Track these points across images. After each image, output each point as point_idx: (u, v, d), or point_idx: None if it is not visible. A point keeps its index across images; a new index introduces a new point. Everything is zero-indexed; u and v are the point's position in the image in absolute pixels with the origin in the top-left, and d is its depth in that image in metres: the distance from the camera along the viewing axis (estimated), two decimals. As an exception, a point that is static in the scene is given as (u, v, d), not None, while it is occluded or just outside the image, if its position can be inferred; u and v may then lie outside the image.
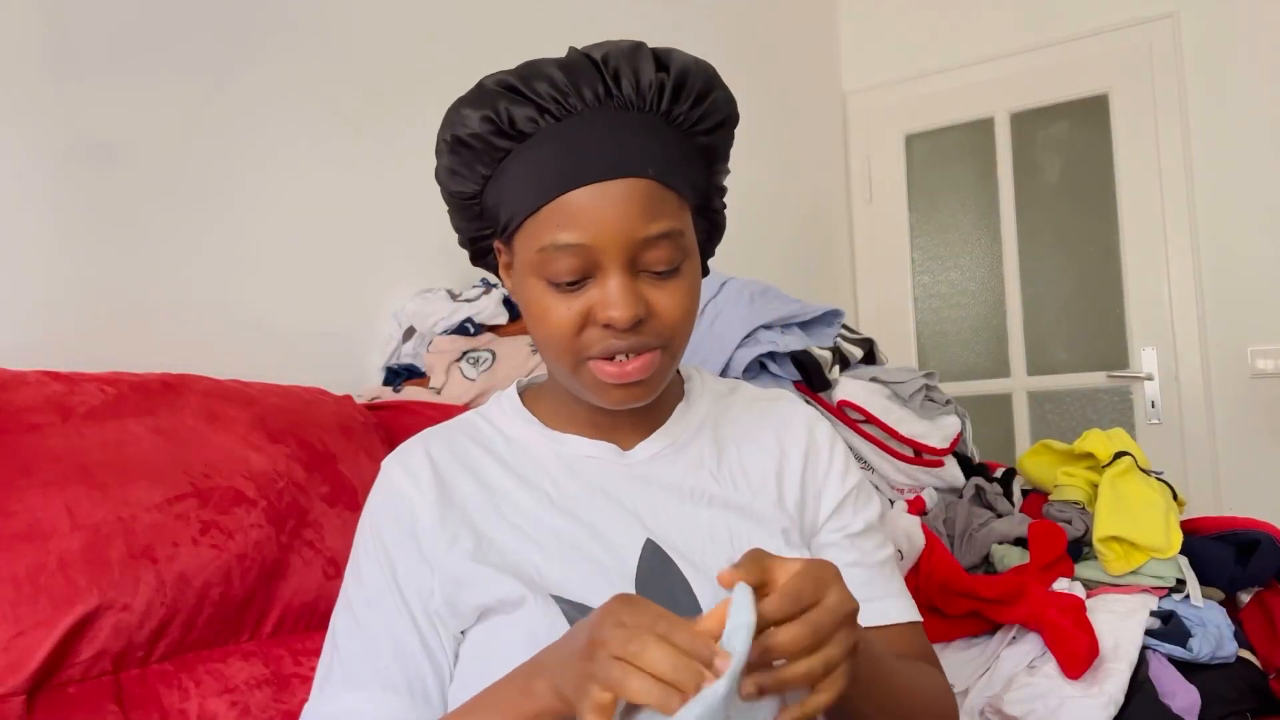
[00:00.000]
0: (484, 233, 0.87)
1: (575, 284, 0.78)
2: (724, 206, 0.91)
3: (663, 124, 0.80)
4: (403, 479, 0.86)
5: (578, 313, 0.78)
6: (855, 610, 0.66)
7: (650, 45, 0.81)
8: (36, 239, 1.37)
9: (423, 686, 0.79)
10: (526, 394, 0.93)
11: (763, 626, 0.61)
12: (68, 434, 1.11)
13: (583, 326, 0.79)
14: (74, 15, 1.42)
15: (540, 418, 0.90)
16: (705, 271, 0.94)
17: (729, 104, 0.84)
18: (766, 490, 0.89)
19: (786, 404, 0.97)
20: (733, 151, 0.92)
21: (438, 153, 0.85)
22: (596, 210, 0.76)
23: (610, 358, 0.79)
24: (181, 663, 1.09)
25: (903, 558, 1.53)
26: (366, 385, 1.77)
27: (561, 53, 0.82)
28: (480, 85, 0.81)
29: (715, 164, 0.87)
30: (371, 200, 1.83)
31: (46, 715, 0.98)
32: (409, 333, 1.83)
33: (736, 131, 0.89)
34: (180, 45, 1.56)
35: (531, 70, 0.79)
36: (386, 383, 1.79)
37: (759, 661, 0.62)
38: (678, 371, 0.96)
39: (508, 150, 0.80)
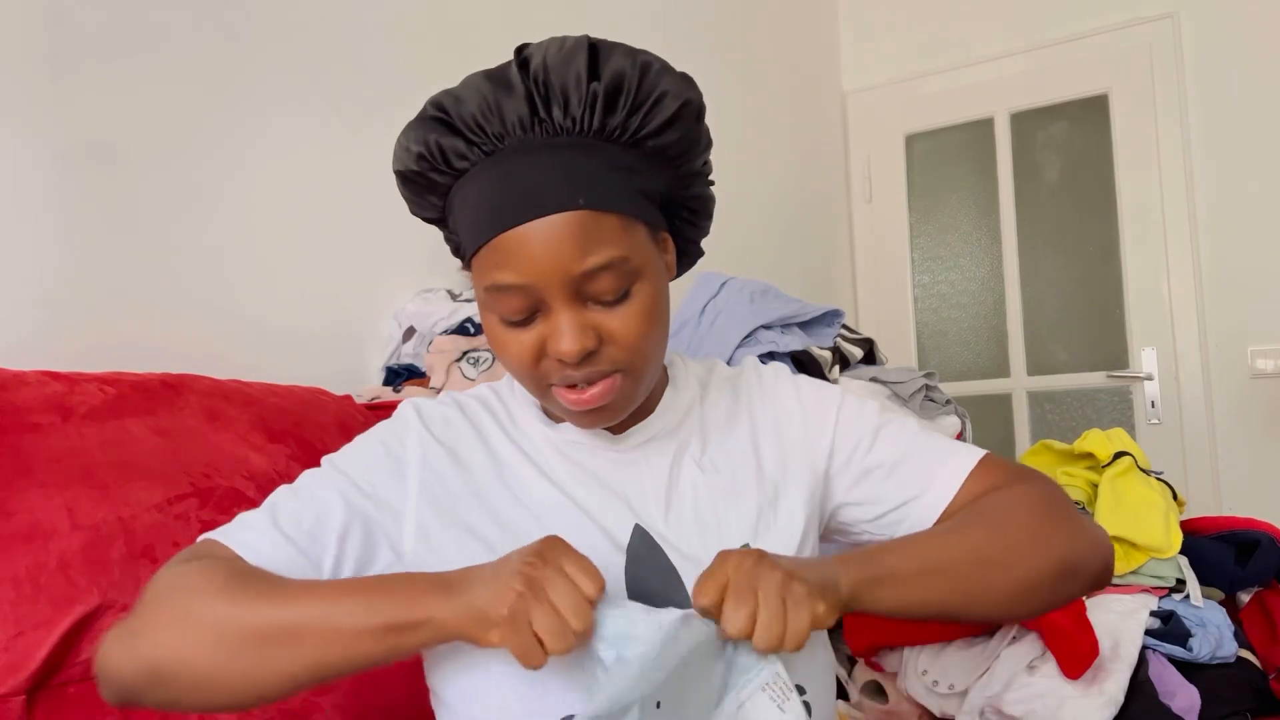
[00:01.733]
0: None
1: (524, 320, 0.78)
2: (707, 186, 0.89)
3: (598, 142, 0.77)
4: (417, 424, 0.88)
5: (531, 346, 0.78)
6: (759, 555, 0.70)
7: (596, 38, 0.78)
8: (36, 239, 1.37)
9: (317, 562, 0.79)
10: None
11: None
12: (68, 434, 1.11)
13: (539, 358, 0.79)
14: (74, 15, 1.42)
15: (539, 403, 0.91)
16: (699, 253, 0.94)
17: (678, 97, 0.78)
18: (747, 466, 0.89)
19: (749, 372, 0.97)
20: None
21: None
22: (529, 250, 0.75)
23: (571, 385, 0.80)
24: (181, 663, 1.09)
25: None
26: (366, 385, 1.77)
27: None
28: (422, 109, 0.81)
29: (681, 157, 0.83)
30: (372, 200, 1.83)
31: (46, 715, 0.98)
32: (409, 333, 1.83)
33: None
34: (181, 45, 1.56)
35: (465, 90, 0.79)
36: (386, 383, 1.79)
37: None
38: None
39: (449, 185, 0.81)
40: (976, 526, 0.82)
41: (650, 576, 0.81)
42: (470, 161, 0.78)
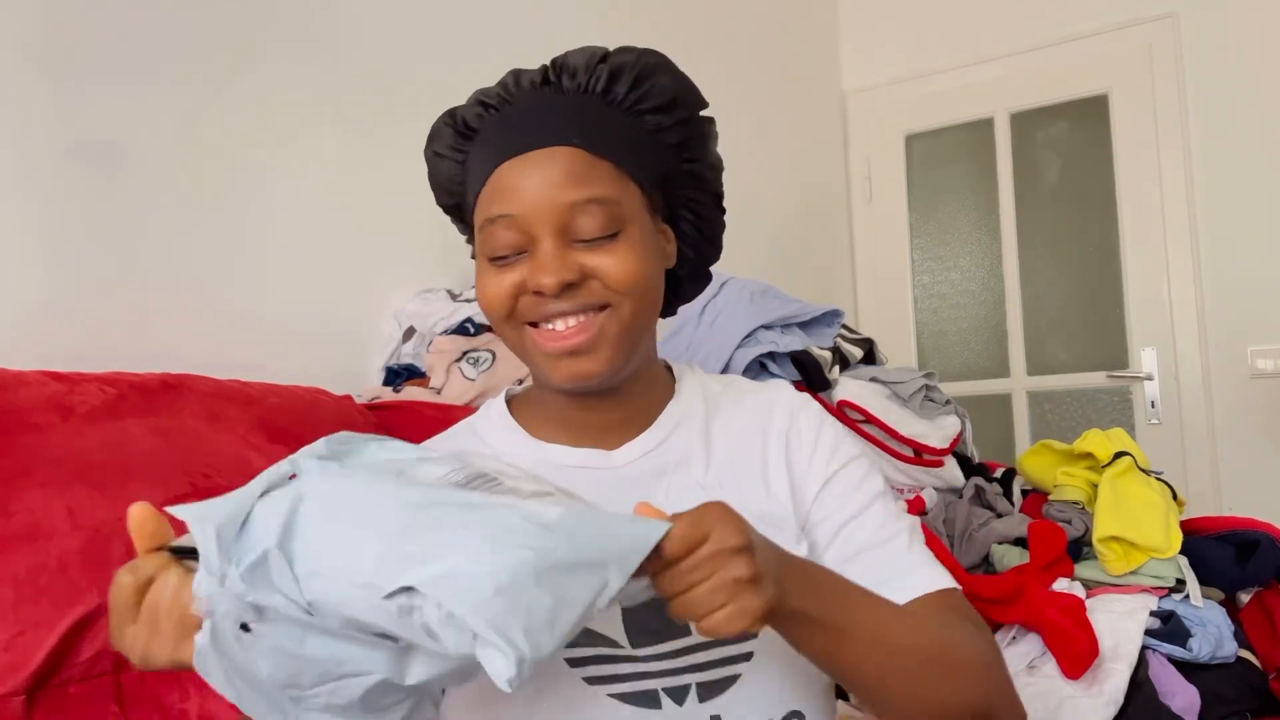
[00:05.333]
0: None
1: (511, 258, 0.80)
2: (714, 210, 0.89)
3: (600, 104, 0.82)
4: None
5: (511, 283, 0.79)
6: (741, 544, 0.63)
7: (629, 46, 0.83)
8: (37, 239, 1.37)
9: None
10: (513, 402, 0.92)
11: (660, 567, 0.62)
12: (68, 434, 1.11)
13: (517, 295, 0.80)
14: (74, 16, 1.42)
15: (525, 426, 0.89)
16: (709, 278, 0.94)
17: (675, 88, 0.83)
18: (754, 485, 0.86)
19: (772, 391, 0.94)
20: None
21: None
22: (522, 180, 0.78)
23: (550, 327, 0.79)
24: (181, 663, 1.09)
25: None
26: (366, 385, 1.77)
27: (558, 51, 0.83)
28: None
29: (684, 152, 0.85)
30: (372, 200, 1.83)
31: (46, 715, 0.98)
32: (409, 333, 1.83)
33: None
34: (181, 46, 1.56)
35: (499, 80, 0.84)
36: (386, 383, 1.79)
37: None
38: (669, 370, 0.94)
39: (467, 152, 0.84)
40: (938, 629, 0.78)
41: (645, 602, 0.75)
42: (484, 121, 0.83)
